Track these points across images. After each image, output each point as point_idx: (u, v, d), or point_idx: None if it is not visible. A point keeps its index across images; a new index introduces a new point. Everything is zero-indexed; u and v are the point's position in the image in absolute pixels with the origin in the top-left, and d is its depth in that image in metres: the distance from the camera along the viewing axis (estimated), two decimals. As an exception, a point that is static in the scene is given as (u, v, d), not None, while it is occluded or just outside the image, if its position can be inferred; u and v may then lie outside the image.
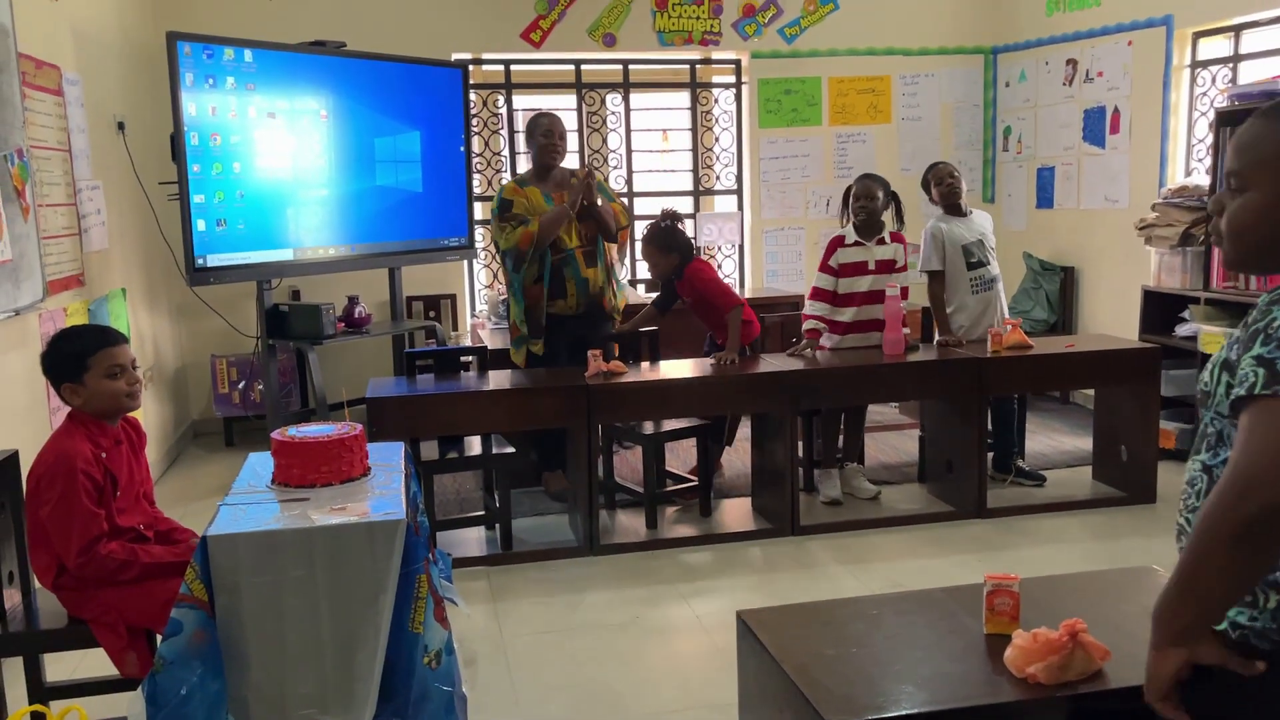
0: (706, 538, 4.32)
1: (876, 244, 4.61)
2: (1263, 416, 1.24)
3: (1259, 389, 1.25)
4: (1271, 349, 1.27)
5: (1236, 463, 1.25)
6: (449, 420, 4.06)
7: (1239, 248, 1.41)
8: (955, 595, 1.89)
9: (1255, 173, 1.36)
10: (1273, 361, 1.26)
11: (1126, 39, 5.98)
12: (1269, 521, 1.21)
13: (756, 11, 6.72)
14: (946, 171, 4.79)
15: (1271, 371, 1.25)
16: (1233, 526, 1.22)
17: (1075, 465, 5.14)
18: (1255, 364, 1.27)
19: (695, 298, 4.67)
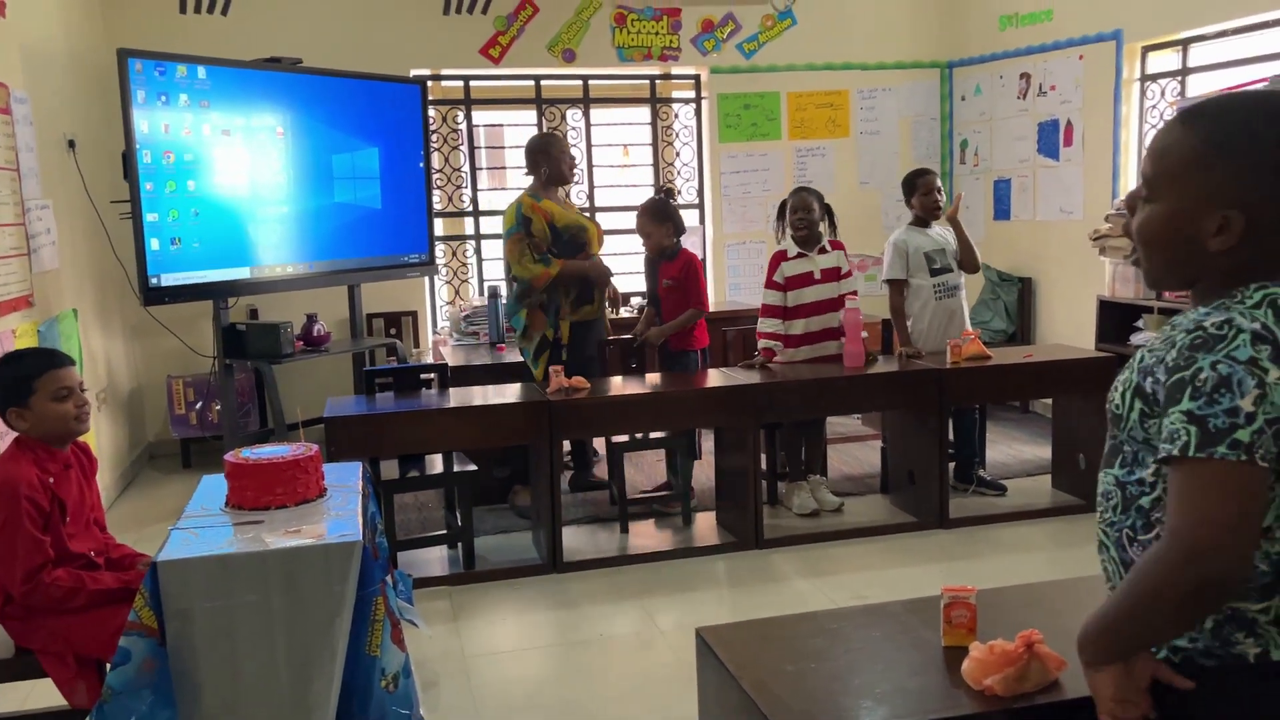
0: (671, 552, 4.31)
1: (818, 253, 4.64)
2: (1201, 482, 1.21)
3: (1192, 451, 1.21)
4: (1202, 404, 1.21)
5: (1179, 529, 1.21)
6: (409, 438, 4.02)
7: (1149, 259, 1.39)
8: (913, 608, 1.89)
9: (1164, 183, 1.34)
10: (1205, 420, 1.21)
11: (1078, 53, 6.08)
12: (1214, 590, 1.21)
13: (715, 27, 6.76)
14: (934, 185, 4.82)
15: (1205, 431, 1.21)
16: (1179, 594, 1.22)
17: (1035, 474, 5.19)
18: (1186, 420, 1.22)
19: (676, 282, 4.69)
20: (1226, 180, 1.27)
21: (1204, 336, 1.24)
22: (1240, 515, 1.19)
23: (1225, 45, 5.31)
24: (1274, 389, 1.20)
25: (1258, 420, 1.19)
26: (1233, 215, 1.27)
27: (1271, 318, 1.24)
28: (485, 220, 6.83)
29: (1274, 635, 1.31)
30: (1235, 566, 1.20)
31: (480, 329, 5.59)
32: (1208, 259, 1.31)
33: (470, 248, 6.80)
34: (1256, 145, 1.26)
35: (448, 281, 6.80)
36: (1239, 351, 1.21)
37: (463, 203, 6.73)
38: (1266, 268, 1.30)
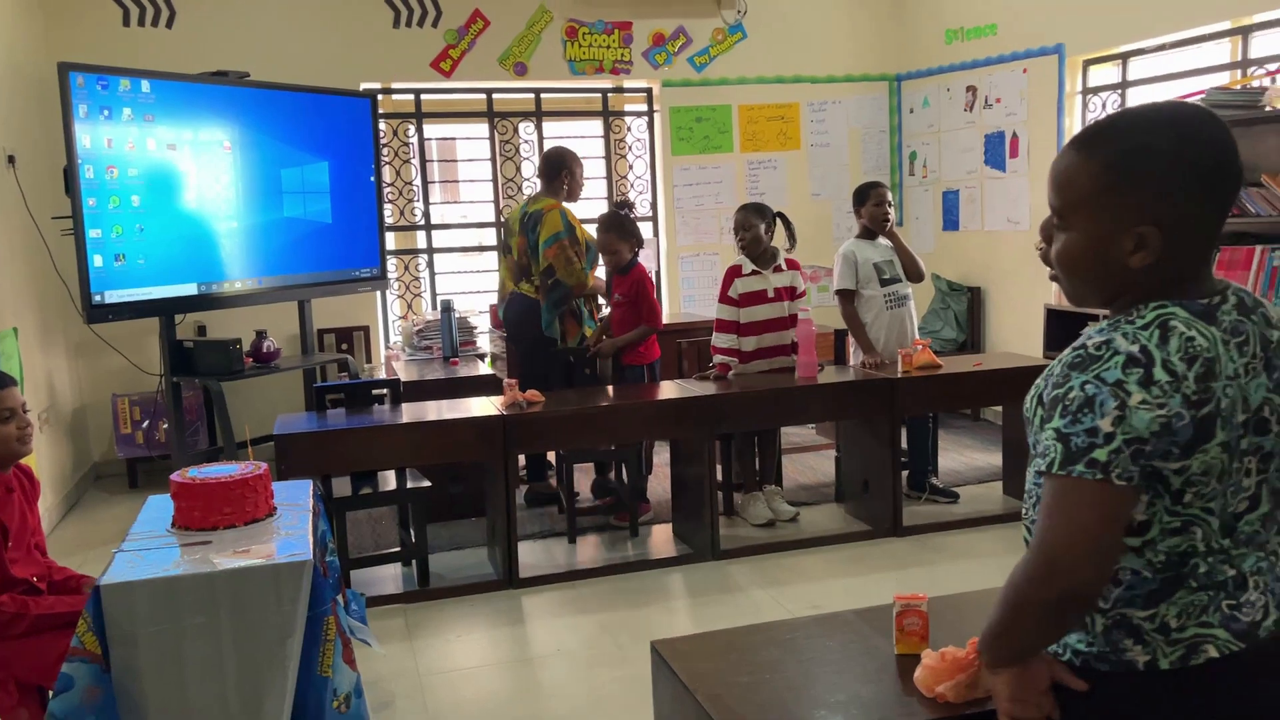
0: (627, 565, 4.30)
1: (774, 271, 4.66)
2: (1061, 496, 1.26)
3: (1056, 467, 1.26)
4: (1068, 423, 1.26)
5: (1042, 541, 1.27)
6: (361, 455, 3.97)
7: (1071, 283, 1.41)
8: (867, 616, 1.90)
9: (1072, 214, 1.36)
10: (1069, 438, 1.26)
11: (1022, 67, 6.19)
12: (1075, 601, 1.27)
13: (666, 41, 6.80)
14: (884, 197, 4.85)
15: (1068, 449, 1.25)
16: (1040, 604, 1.28)
17: (987, 481, 5.25)
18: (1054, 438, 1.27)
19: (630, 297, 4.68)
20: (1134, 201, 1.29)
21: (1083, 356, 1.28)
22: (1094, 532, 1.24)
23: (1163, 59, 5.44)
24: (1134, 412, 1.22)
25: (1115, 441, 1.23)
26: (1147, 231, 1.29)
27: (1156, 338, 1.26)
28: (438, 234, 6.80)
29: (1161, 644, 1.33)
30: (1088, 581, 1.25)
31: (433, 343, 5.55)
32: (1129, 276, 1.33)
33: (423, 261, 6.76)
34: (1155, 161, 1.28)
35: (400, 296, 6.75)
36: (1108, 373, 1.24)
37: (414, 216, 6.69)
38: (1178, 280, 1.32)
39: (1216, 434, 1.27)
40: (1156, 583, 1.32)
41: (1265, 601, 1.36)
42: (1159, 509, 1.30)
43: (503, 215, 6.62)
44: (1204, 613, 1.33)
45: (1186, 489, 1.29)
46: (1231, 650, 1.32)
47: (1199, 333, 1.27)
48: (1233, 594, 1.34)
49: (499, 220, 6.83)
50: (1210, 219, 1.32)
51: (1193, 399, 1.25)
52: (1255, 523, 1.36)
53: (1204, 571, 1.32)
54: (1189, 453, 1.26)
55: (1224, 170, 1.30)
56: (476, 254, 7.16)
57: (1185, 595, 1.32)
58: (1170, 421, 1.23)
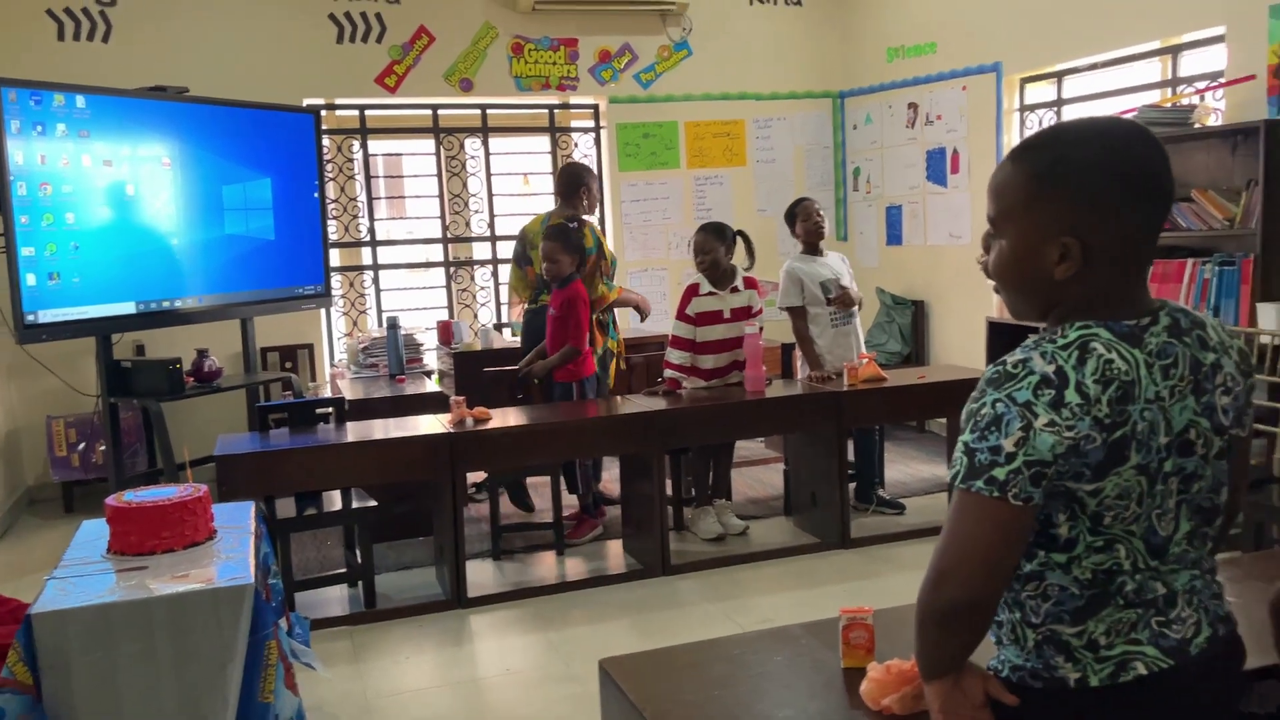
0: (578, 583, 4.28)
1: (730, 292, 4.68)
2: (960, 510, 1.29)
3: (959, 480, 1.29)
4: (975, 439, 1.28)
5: (939, 551, 1.31)
6: (305, 475, 3.91)
7: (1006, 294, 1.43)
8: (814, 630, 1.91)
9: (1003, 222, 1.38)
10: (974, 453, 1.28)
11: (961, 84, 6.31)
12: (964, 612, 1.30)
13: (612, 58, 6.82)
14: (813, 210, 4.92)
15: (971, 464, 1.28)
16: (932, 612, 1.31)
17: (933, 492, 5.32)
18: (962, 451, 1.30)
19: (562, 313, 4.65)
20: (1059, 209, 1.30)
21: (1000, 373, 1.29)
22: (984, 547, 1.27)
23: (1096, 77, 5.58)
24: (1038, 434, 1.24)
25: (1016, 461, 1.25)
26: (1070, 242, 1.30)
27: (1074, 360, 1.26)
28: (383, 250, 6.74)
29: (1090, 661, 1.34)
30: (974, 593, 1.28)
31: (379, 361, 5.49)
32: (1057, 289, 1.34)
33: (368, 278, 6.69)
34: (1081, 169, 1.30)
35: (345, 313, 6.67)
36: (1019, 393, 1.26)
37: (360, 233, 6.63)
38: (1107, 297, 1.33)
39: (1131, 457, 1.28)
40: (1084, 599, 1.33)
41: (1197, 619, 1.37)
42: (1080, 529, 1.31)
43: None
44: (1133, 630, 1.34)
45: (1105, 512, 1.30)
46: (1161, 668, 1.33)
47: (1119, 355, 1.28)
48: (1162, 611, 1.35)
49: (446, 236, 6.79)
50: (1138, 235, 1.32)
51: (1105, 422, 1.26)
52: (1182, 542, 1.37)
53: (1132, 589, 1.33)
54: (1102, 475, 1.27)
55: (1151, 185, 1.31)
56: (423, 270, 7.11)
57: (1113, 612, 1.33)
58: (1079, 444, 1.25)
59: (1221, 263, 4.37)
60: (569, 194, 5.07)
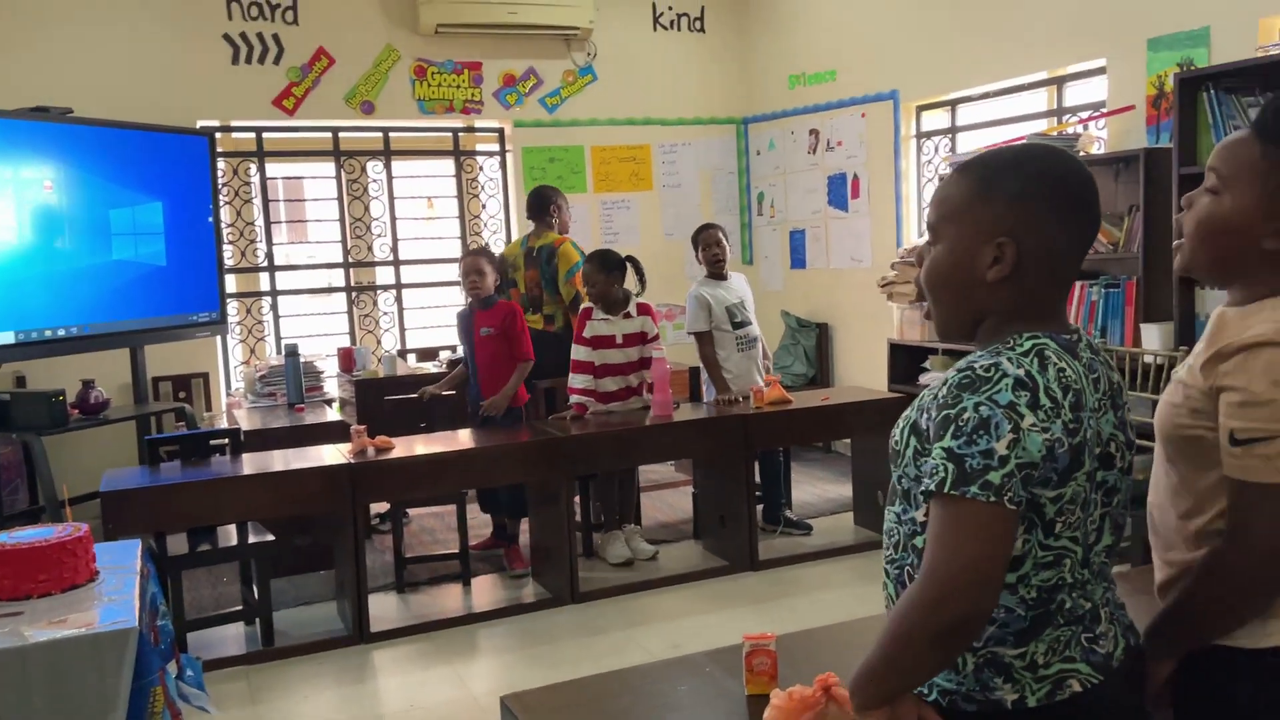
0: (485, 614, 4.20)
1: (623, 318, 4.69)
2: (952, 519, 1.24)
3: (948, 487, 1.24)
4: (962, 444, 1.25)
5: (933, 567, 1.24)
6: (198, 510, 3.76)
7: (935, 303, 1.45)
8: (718, 658, 1.89)
9: (943, 225, 1.40)
10: (963, 459, 1.24)
11: (860, 111, 6.46)
12: (965, 627, 1.24)
13: (517, 81, 6.80)
14: (715, 239, 4.97)
15: (961, 470, 1.24)
16: (929, 631, 1.24)
17: (839, 512, 5.39)
18: (945, 457, 1.25)
19: (498, 331, 4.60)
20: (996, 212, 1.34)
21: (972, 377, 1.28)
22: (986, 556, 1.23)
23: (989, 105, 5.77)
24: (1027, 435, 1.24)
25: (1009, 464, 1.23)
26: (1005, 243, 1.33)
27: (1036, 365, 1.29)
28: (283, 275, 6.57)
29: (1029, 681, 1.34)
30: (980, 606, 1.23)
31: (278, 390, 5.34)
32: (986, 295, 1.37)
33: (266, 304, 6.51)
34: (1020, 179, 1.34)
35: (242, 340, 6.48)
36: (1001, 395, 1.25)
37: (257, 258, 6.45)
38: (1037, 310, 1.36)
39: (1085, 463, 1.31)
40: (1028, 620, 1.34)
41: (1114, 631, 1.40)
42: (1033, 542, 1.31)
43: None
44: (1068, 647, 1.35)
45: (1058, 518, 1.31)
46: (1093, 683, 1.35)
47: (1067, 365, 1.32)
48: (1089, 627, 1.37)
49: (347, 261, 6.66)
50: (1067, 249, 1.37)
51: (1070, 426, 1.28)
52: (1102, 554, 1.40)
53: (1069, 607, 1.35)
54: (1064, 480, 1.29)
55: (1082, 204, 1.36)
56: (324, 296, 6.95)
57: (1052, 632, 1.34)
58: (1053, 446, 1.26)
59: (1107, 285, 4.54)
60: (541, 215, 5.21)
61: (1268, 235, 1.42)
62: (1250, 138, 1.45)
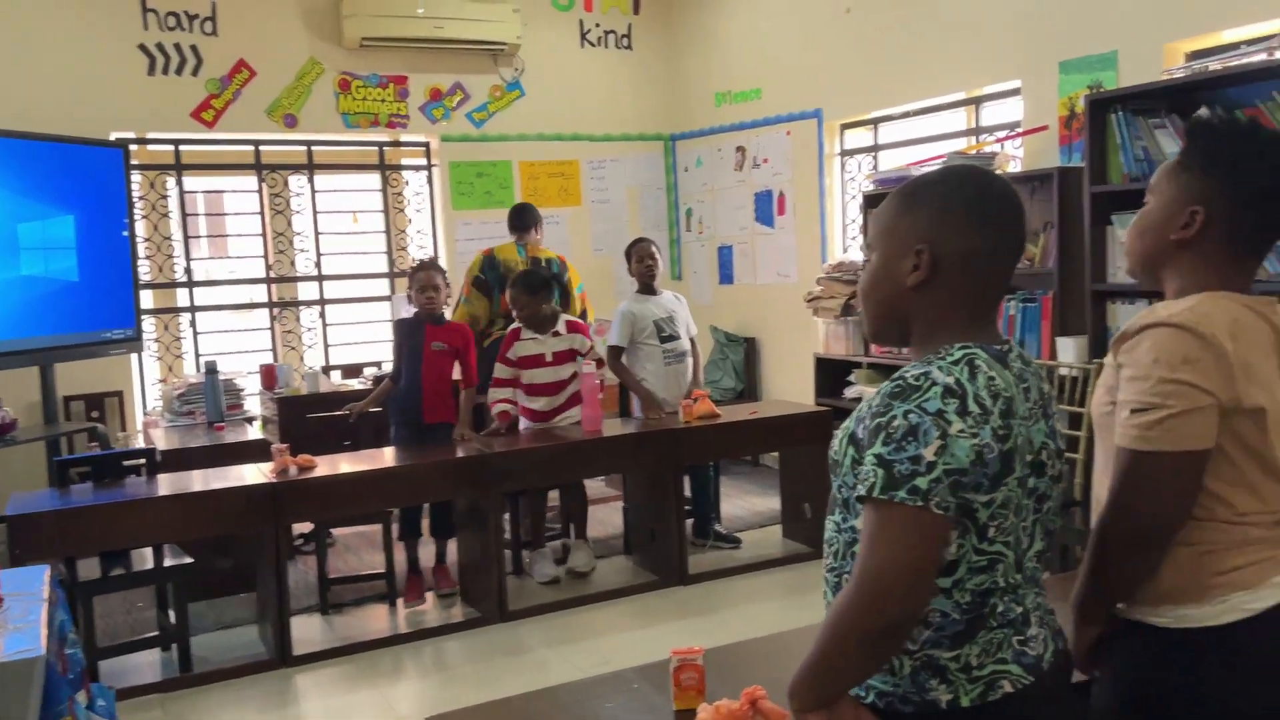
0: (413, 634, 4.13)
1: (552, 336, 4.68)
2: (883, 523, 1.29)
3: (878, 491, 1.29)
4: (892, 450, 1.30)
5: (865, 570, 1.29)
6: (111, 533, 3.64)
7: (865, 311, 1.52)
8: (646, 674, 1.89)
9: (876, 241, 1.49)
10: (891, 464, 1.29)
11: (785, 129, 6.55)
12: (896, 629, 1.30)
13: (444, 96, 6.76)
14: (648, 252, 5.00)
15: (890, 475, 1.29)
16: (863, 633, 1.29)
17: (767, 525, 5.42)
18: (875, 463, 1.31)
19: (453, 350, 4.53)
20: (916, 222, 1.43)
21: (903, 386, 1.34)
22: (915, 559, 1.28)
23: (909, 124, 5.90)
24: (955, 441, 1.29)
25: (937, 470, 1.28)
26: (922, 249, 1.41)
27: (966, 374, 1.34)
28: (203, 291, 6.41)
29: (963, 682, 1.38)
30: (910, 608, 1.29)
31: (197, 408, 5.19)
32: (908, 300, 1.44)
33: (185, 320, 6.34)
34: (939, 192, 1.44)
35: (159, 358, 6.29)
36: (929, 403, 1.30)
37: (175, 273, 6.29)
38: (961, 317, 1.43)
39: (1015, 468, 1.35)
40: (963, 624, 1.37)
41: (1044, 635, 1.45)
42: (967, 547, 1.35)
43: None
44: (1000, 649, 1.39)
45: (991, 523, 1.35)
46: (1024, 684, 1.39)
47: (997, 374, 1.37)
48: (1020, 630, 1.42)
49: (269, 276, 6.52)
50: (984, 256, 1.42)
51: (999, 432, 1.32)
52: (1033, 560, 1.45)
53: (1001, 610, 1.39)
54: (996, 485, 1.33)
55: (998, 211, 1.43)
56: (246, 311, 6.80)
57: (985, 634, 1.38)
58: (982, 452, 1.30)
59: (1024, 300, 4.66)
60: (528, 229, 5.28)
61: (1175, 229, 1.58)
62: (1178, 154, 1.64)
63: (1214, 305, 1.52)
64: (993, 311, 1.48)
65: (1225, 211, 1.56)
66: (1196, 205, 1.56)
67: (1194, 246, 1.59)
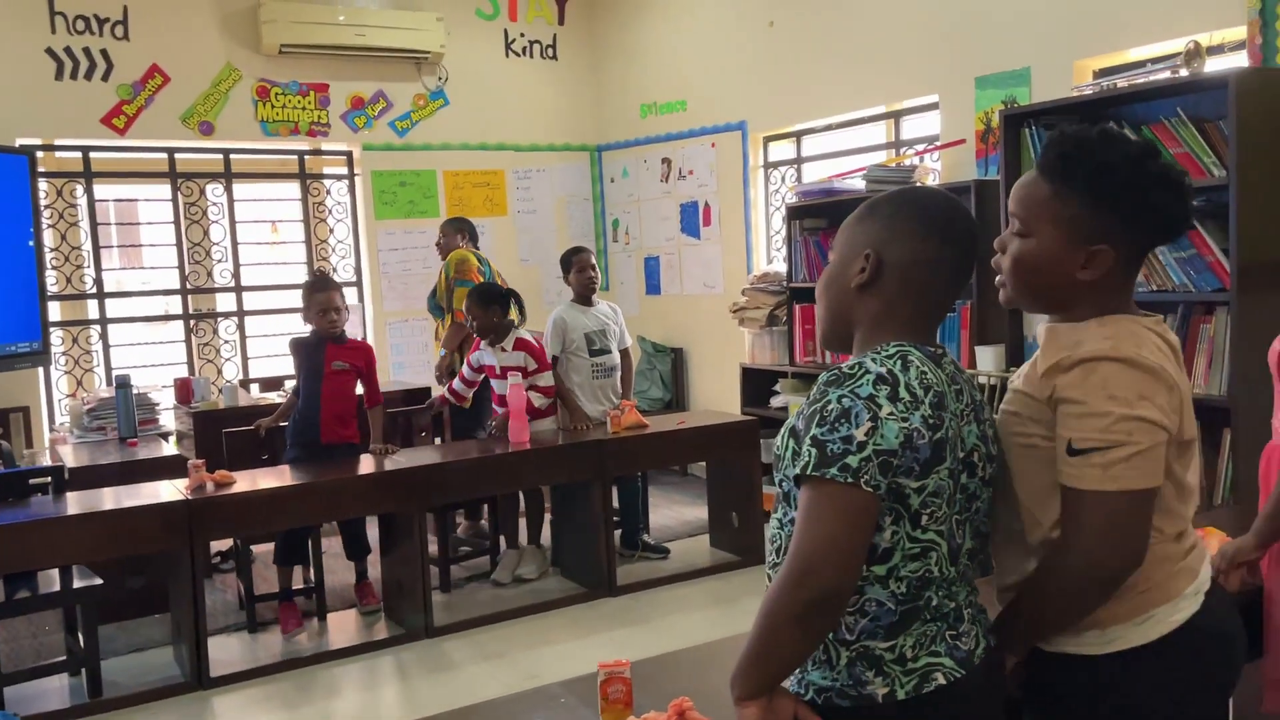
0: (338, 653, 4.04)
1: (501, 350, 4.70)
2: (815, 500, 1.34)
3: (811, 469, 1.35)
4: (825, 430, 1.35)
5: (797, 546, 1.34)
6: (14, 555, 3.48)
7: (820, 313, 1.60)
8: (572, 687, 1.87)
9: (837, 244, 1.57)
10: (825, 444, 1.35)
11: (710, 141, 6.60)
12: (826, 603, 1.33)
13: (366, 104, 6.66)
14: (588, 262, 4.99)
15: (823, 454, 1.34)
16: (795, 608, 1.32)
17: (695, 534, 5.44)
18: (811, 444, 1.36)
19: (354, 369, 4.42)
20: (868, 229, 1.52)
21: (838, 374, 1.41)
22: (845, 534, 1.33)
23: (831, 137, 5.99)
24: (885, 423, 1.35)
25: (867, 449, 1.34)
26: (869, 254, 1.50)
27: (899, 365, 1.41)
28: (113, 302, 6.21)
29: (898, 674, 1.42)
30: (839, 582, 1.33)
31: (108, 423, 5.02)
32: (855, 302, 1.52)
33: (95, 333, 6.14)
34: (893, 204, 1.53)
35: (68, 372, 6.08)
36: (862, 389, 1.37)
37: (84, 284, 6.08)
38: (901, 322, 1.48)
39: (946, 458, 1.40)
40: (897, 614, 1.41)
41: (976, 631, 1.50)
42: (901, 533, 1.39)
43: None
44: (934, 642, 1.43)
45: (923, 510, 1.39)
46: (956, 677, 1.43)
47: (929, 370, 1.43)
48: (954, 625, 1.46)
49: (185, 287, 6.35)
50: (927, 264, 1.48)
51: (930, 420, 1.38)
52: (966, 557, 1.49)
53: (934, 604, 1.43)
54: (927, 472, 1.38)
55: (945, 224, 1.49)
56: (161, 324, 6.61)
57: (920, 626, 1.42)
58: (912, 436, 1.36)
59: (944, 309, 4.76)
60: (454, 237, 5.76)
61: (1078, 268, 1.53)
62: (1038, 178, 1.56)
63: (1133, 333, 1.49)
64: (932, 321, 1.53)
65: (1127, 244, 1.52)
66: (1100, 244, 1.50)
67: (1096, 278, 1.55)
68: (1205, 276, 3.46)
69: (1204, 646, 1.55)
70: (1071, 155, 1.52)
